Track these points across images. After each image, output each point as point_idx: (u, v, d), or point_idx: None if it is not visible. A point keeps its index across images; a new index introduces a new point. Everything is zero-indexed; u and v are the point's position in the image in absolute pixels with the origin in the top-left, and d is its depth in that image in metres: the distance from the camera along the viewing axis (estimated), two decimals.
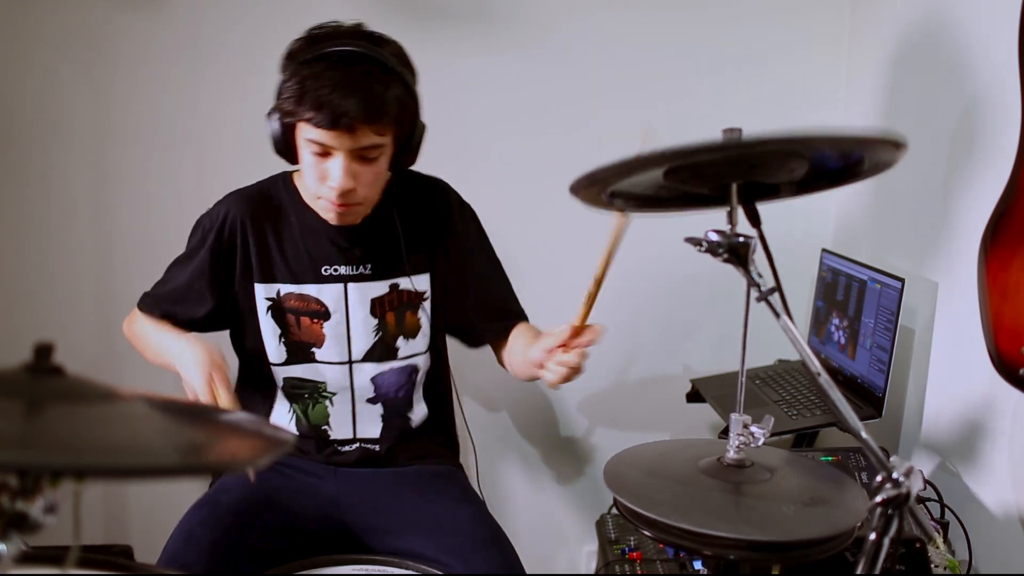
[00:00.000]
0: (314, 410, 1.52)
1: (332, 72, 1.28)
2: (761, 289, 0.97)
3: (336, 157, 1.33)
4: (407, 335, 1.53)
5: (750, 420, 1.08)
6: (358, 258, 1.48)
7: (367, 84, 1.29)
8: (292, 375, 1.51)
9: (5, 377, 0.66)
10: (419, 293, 1.53)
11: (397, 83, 1.33)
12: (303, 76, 1.29)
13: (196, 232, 1.51)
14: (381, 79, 1.30)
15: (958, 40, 1.67)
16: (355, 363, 1.51)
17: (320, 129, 1.29)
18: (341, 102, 1.26)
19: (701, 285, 2.13)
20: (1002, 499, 1.48)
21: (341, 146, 1.31)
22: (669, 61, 2.10)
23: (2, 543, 0.61)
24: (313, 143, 1.32)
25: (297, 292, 1.48)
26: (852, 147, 1.04)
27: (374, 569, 1.39)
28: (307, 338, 1.49)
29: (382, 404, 1.53)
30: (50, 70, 1.95)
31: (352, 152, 1.32)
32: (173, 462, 0.64)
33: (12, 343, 1.88)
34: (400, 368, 1.53)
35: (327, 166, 1.34)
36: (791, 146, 0.98)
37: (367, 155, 1.34)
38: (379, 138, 1.33)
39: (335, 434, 1.53)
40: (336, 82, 1.27)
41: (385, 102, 1.30)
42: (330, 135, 1.30)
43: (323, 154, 1.33)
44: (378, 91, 1.29)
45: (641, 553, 1.57)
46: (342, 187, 1.34)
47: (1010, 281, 1.27)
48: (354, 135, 1.30)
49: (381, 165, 1.38)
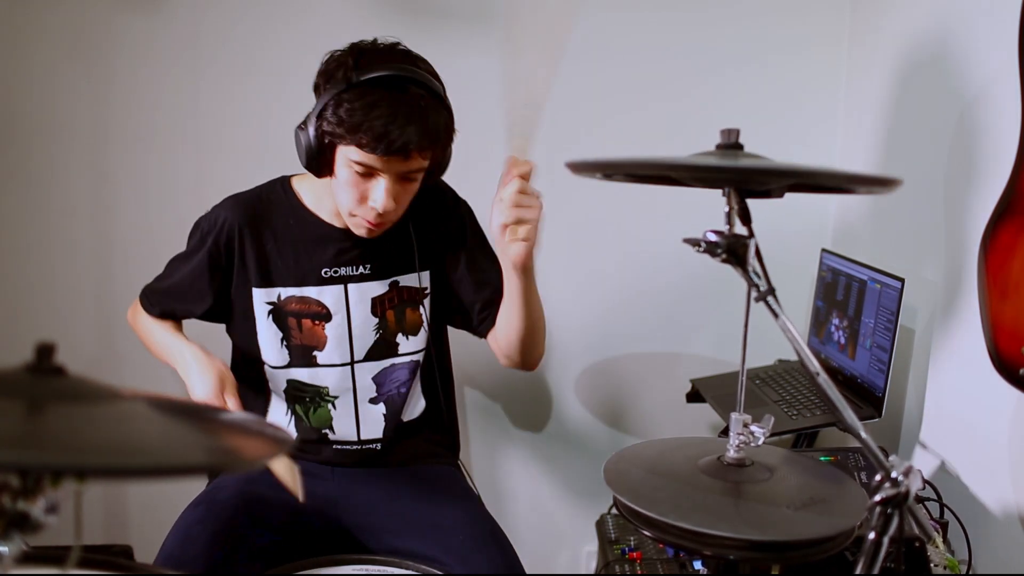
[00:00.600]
0: (316, 413, 1.53)
1: (389, 101, 1.28)
2: (760, 289, 0.97)
3: (380, 179, 1.33)
4: (408, 332, 1.53)
5: (750, 419, 1.08)
6: (357, 258, 1.48)
7: (424, 112, 1.29)
8: (294, 378, 1.51)
9: (6, 377, 0.66)
10: (420, 289, 1.53)
11: (444, 107, 1.35)
12: (355, 102, 1.28)
13: (195, 234, 1.51)
14: (433, 105, 1.32)
15: (958, 40, 1.67)
16: (357, 363, 1.51)
17: (373, 155, 1.29)
18: (400, 131, 1.27)
19: (701, 285, 2.14)
20: (1002, 499, 1.48)
21: (390, 170, 1.32)
22: (669, 61, 2.10)
23: (3, 543, 0.62)
24: (358, 164, 1.32)
25: (298, 295, 1.48)
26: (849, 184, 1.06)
27: (374, 569, 1.39)
28: (309, 341, 1.49)
29: (384, 403, 1.54)
30: (50, 70, 1.95)
31: (398, 175, 1.34)
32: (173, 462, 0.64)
33: (13, 343, 1.89)
34: (402, 365, 1.54)
35: (369, 187, 1.34)
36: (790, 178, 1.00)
37: (411, 176, 1.36)
38: (426, 162, 1.35)
39: (336, 436, 1.53)
40: (395, 111, 1.27)
41: (438, 129, 1.32)
42: (382, 161, 1.30)
43: (366, 175, 1.34)
44: (433, 119, 1.31)
45: (641, 553, 1.57)
46: (385, 208, 1.35)
47: (1010, 281, 1.27)
48: (407, 162, 1.31)
49: (418, 184, 1.39)
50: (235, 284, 1.50)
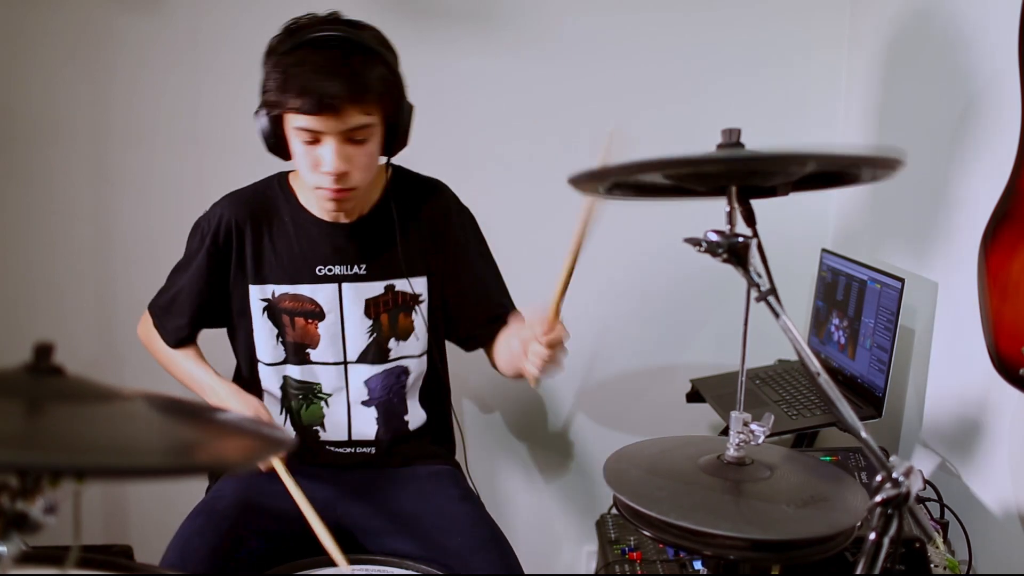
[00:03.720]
0: (308, 410, 1.52)
1: (313, 57, 1.29)
2: (760, 289, 0.97)
3: (326, 142, 1.33)
4: (399, 337, 1.52)
5: (750, 418, 1.08)
6: (353, 258, 1.48)
7: (348, 64, 1.29)
8: (289, 375, 1.51)
9: (5, 377, 0.66)
10: (415, 295, 1.52)
11: (378, 63, 1.33)
12: (285, 65, 1.30)
13: (195, 235, 1.51)
14: (360, 59, 1.31)
15: (957, 41, 1.67)
16: (350, 364, 1.51)
17: (308, 116, 1.30)
18: (325, 84, 1.27)
19: (701, 285, 2.13)
20: (1002, 499, 1.48)
21: (330, 129, 1.31)
22: (670, 63, 2.10)
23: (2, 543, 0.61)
24: (302, 131, 1.32)
25: (291, 292, 1.47)
26: (851, 165, 1.05)
27: (373, 569, 1.39)
28: (302, 339, 1.49)
29: (376, 407, 1.53)
30: (51, 70, 1.95)
31: (342, 135, 1.32)
32: (172, 462, 0.64)
33: (12, 343, 1.89)
34: (389, 370, 1.53)
35: (319, 152, 1.34)
36: (791, 162, 0.99)
37: (356, 136, 1.34)
38: (367, 118, 1.33)
39: (328, 435, 1.53)
40: (318, 66, 1.28)
41: (368, 80, 1.31)
42: (318, 120, 1.30)
43: (313, 141, 1.33)
44: (360, 70, 1.30)
45: (641, 553, 1.57)
46: (336, 169, 1.34)
47: (1010, 281, 1.27)
48: (341, 116, 1.30)
49: (372, 147, 1.37)
50: (232, 281, 1.49)
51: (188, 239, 1.52)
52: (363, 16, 1.38)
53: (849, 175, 1.09)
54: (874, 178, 1.08)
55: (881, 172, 1.05)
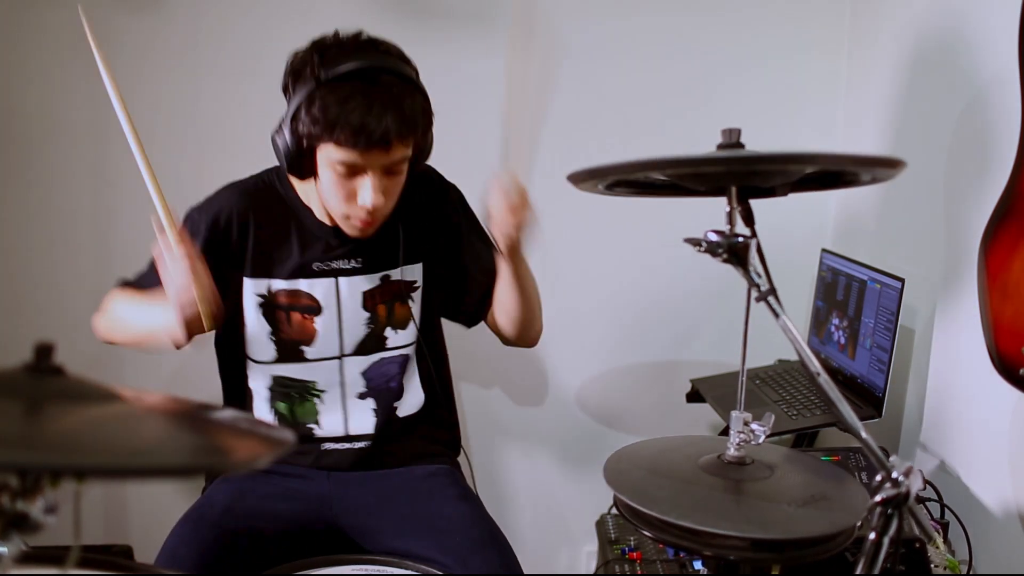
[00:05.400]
0: (302, 407, 1.51)
1: (362, 93, 1.26)
2: (760, 289, 0.97)
3: (366, 176, 1.32)
4: (396, 326, 1.52)
5: (750, 417, 1.08)
6: (349, 252, 1.47)
7: (398, 100, 1.27)
8: (281, 374, 1.50)
9: (5, 377, 0.66)
10: (409, 283, 1.52)
11: (417, 92, 1.32)
12: (326, 99, 1.26)
13: (186, 224, 1.47)
14: (408, 92, 1.30)
15: (957, 42, 1.67)
16: (346, 357, 1.50)
17: (354, 150, 1.27)
18: (378, 123, 1.25)
19: (701, 285, 2.13)
20: (1002, 499, 1.48)
21: (373, 165, 1.30)
22: (670, 63, 2.10)
23: (3, 543, 0.61)
24: (341, 164, 1.30)
25: (288, 288, 1.47)
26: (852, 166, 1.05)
27: (373, 569, 1.38)
28: (297, 335, 1.48)
29: (374, 398, 1.52)
30: (50, 70, 1.95)
31: (382, 169, 1.32)
32: (173, 463, 0.64)
33: (12, 343, 1.89)
34: (390, 359, 1.52)
35: (355, 185, 1.33)
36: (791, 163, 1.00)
37: (394, 169, 1.34)
38: (407, 151, 1.33)
39: (322, 431, 1.51)
40: (369, 103, 1.25)
41: (415, 116, 1.30)
42: (364, 156, 1.28)
43: (350, 174, 1.32)
44: (409, 105, 1.28)
45: (641, 553, 1.57)
46: (375, 204, 1.33)
47: (1010, 281, 1.27)
48: (389, 153, 1.29)
49: (404, 174, 1.38)
50: (225, 274, 1.45)
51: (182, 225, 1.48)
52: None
53: (848, 176, 1.09)
54: (873, 180, 1.08)
55: (881, 173, 1.06)
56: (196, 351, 1.58)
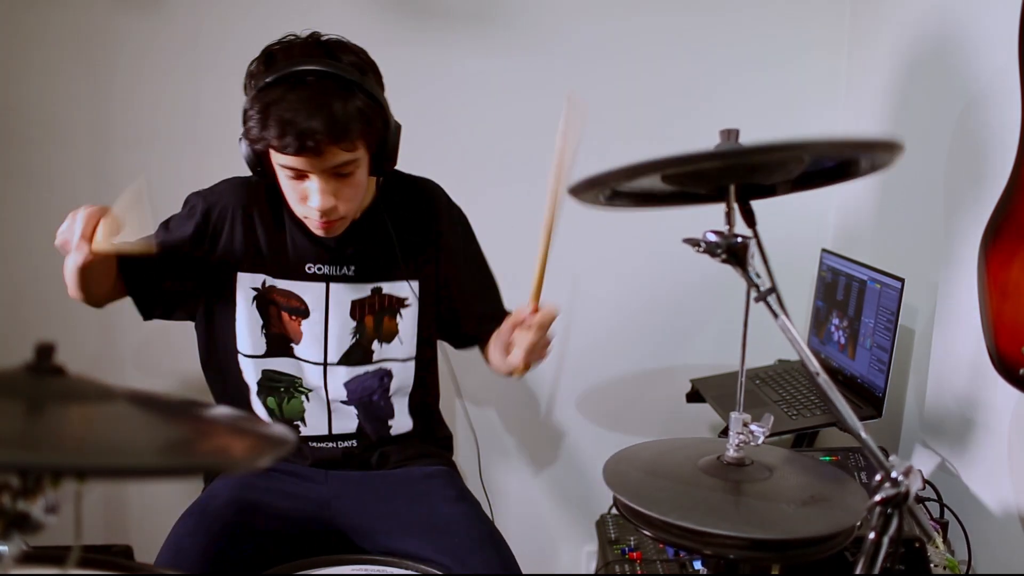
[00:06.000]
0: (289, 404, 1.51)
1: (291, 95, 1.25)
2: (760, 289, 0.97)
3: (312, 179, 1.31)
4: (383, 339, 1.52)
5: (750, 418, 1.08)
6: (343, 259, 1.47)
7: (326, 103, 1.25)
8: (270, 368, 1.50)
9: (6, 377, 0.66)
10: (400, 299, 1.52)
11: (357, 95, 1.29)
12: (263, 101, 1.26)
13: (185, 206, 1.50)
14: (340, 94, 1.27)
15: (957, 42, 1.67)
16: (330, 366, 1.50)
17: (288, 155, 1.27)
18: (304, 124, 1.23)
19: (701, 285, 2.13)
20: (1002, 499, 1.48)
21: (313, 168, 1.30)
22: (669, 65, 2.10)
23: (3, 543, 0.61)
24: (286, 168, 1.31)
25: (280, 286, 1.47)
26: (849, 151, 1.05)
27: (372, 569, 1.38)
28: (285, 332, 1.49)
29: (355, 407, 1.52)
30: (50, 70, 1.95)
31: (326, 172, 1.31)
32: (172, 462, 0.64)
33: (13, 343, 1.89)
34: (373, 372, 1.52)
35: (305, 187, 1.33)
36: (788, 153, 0.99)
37: (342, 171, 1.32)
38: (349, 154, 1.30)
39: (308, 430, 1.51)
40: (295, 105, 1.24)
41: (348, 118, 1.27)
42: (300, 160, 1.28)
43: (298, 177, 1.32)
44: (338, 108, 1.26)
45: (641, 553, 1.57)
46: (323, 207, 1.33)
47: (1010, 281, 1.27)
48: (323, 156, 1.28)
49: (359, 177, 1.36)
50: (217, 265, 1.46)
51: (182, 207, 1.50)
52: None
53: (848, 166, 1.08)
54: (873, 167, 1.06)
55: (880, 159, 1.04)
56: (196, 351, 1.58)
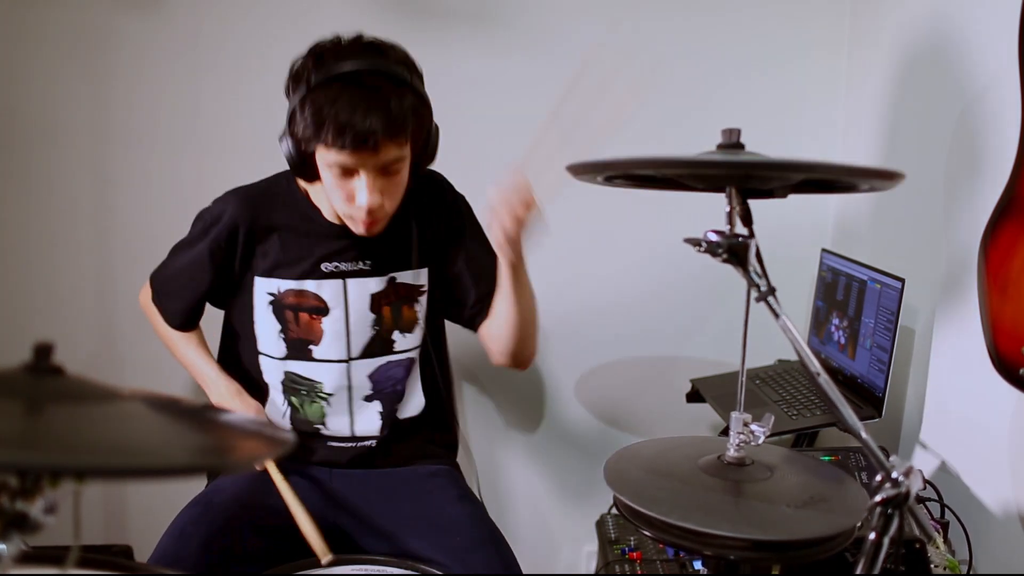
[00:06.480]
0: (310, 408, 1.53)
1: (348, 94, 1.27)
2: (760, 289, 0.97)
3: (361, 176, 1.33)
4: (403, 329, 1.53)
5: (750, 418, 1.08)
6: (357, 254, 1.49)
7: (384, 100, 1.28)
8: (291, 370, 1.52)
9: (5, 377, 0.66)
10: (417, 287, 1.53)
11: (410, 93, 1.32)
12: (318, 101, 1.28)
13: (197, 224, 1.53)
14: (396, 92, 1.30)
15: (957, 43, 1.67)
16: (353, 360, 1.51)
17: (344, 152, 1.29)
18: (363, 123, 1.26)
19: (701, 285, 2.13)
20: (1002, 499, 1.48)
21: (365, 165, 1.32)
22: (671, 63, 2.09)
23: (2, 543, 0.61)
24: (335, 166, 1.32)
25: (296, 288, 1.48)
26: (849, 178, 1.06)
27: (373, 569, 1.38)
28: (305, 335, 1.49)
29: (379, 401, 1.53)
30: (50, 70, 1.95)
31: (376, 169, 1.33)
32: (173, 462, 0.64)
33: (12, 343, 1.88)
34: (397, 362, 1.54)
35: (353, 185, 1.34)
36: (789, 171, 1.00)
37: (391, 169, 1.35)
38: (401, 151, 1.33)
39: (330, 432, 1.53)
40: (354, 103, 1.26)
41: (404, 115, 1.30)
42: (354, 156, 1.30)
43: (347, 175, 1.34)
44: (396, 105, 1.29)
45: (641, 553, 1.57)
46: (371, 204, 1.34)
47: (1010, 281, 1.27)
48: (378, 153, 1.30)
49: (404, 175, 1.38)
50: (237, 273, 1.50)
51: (191, 227, 1.54)
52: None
53: (846, 184, 1.09)
54: (872, 189, 1.08)
55: (879, 184, 1.06)
56: None
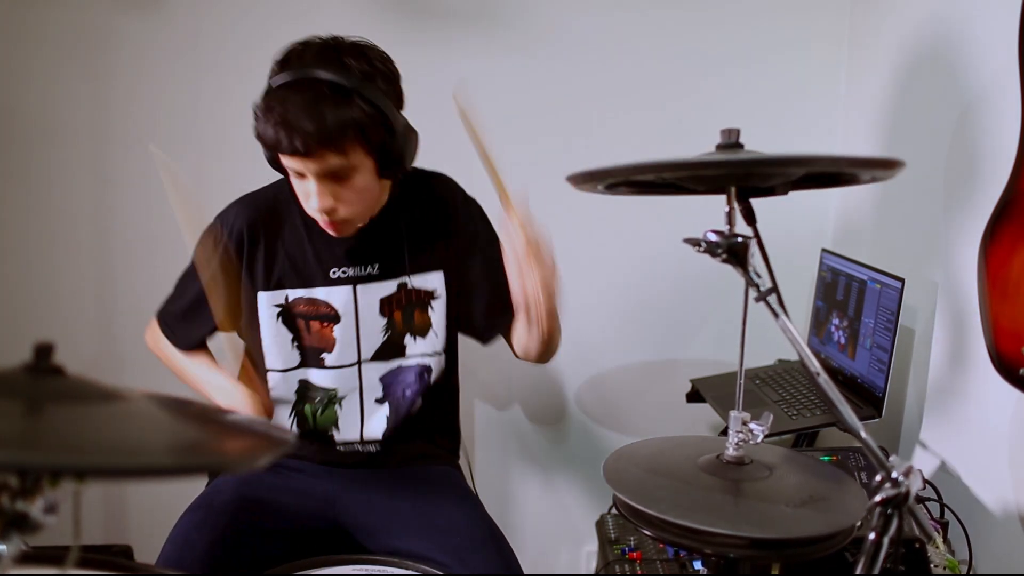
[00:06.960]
0: (323, 414, 1.52)
1: (293, 97, 1.27)
2: (760, 289, 0.97)
3: (310, 180, 1.33)
4: (416, 333, 1.52)
5: (749, 417, 1.08)
6: (366, 258, 1.48)
7: (318, 109, 1.26)
8: (306, 379, 1.51)
9: (5, 377, 0.66)
10: (428, 291, 1.52)
11: (354, 103, 1.28)
12: (268, 104, 1.29)
13: (200, 242, 1.48)
14: (334, 100, 1.27)
15: (958, 41, 1.67)
16: (364, 362, 1.51)
17: (285, 156, 1.30)
18: (294, 128, 1.26)
19: (701, 285, 2.14)
20: (1002, 499, 1.48)
21: (308, 170, 1.31)
22: (670, 61, 2.10)
23: (2, 543, 0.61)
24: (290, 168, 1.33)
25: (306, 296, 1.48)
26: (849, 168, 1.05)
27: (373, 569, 1.39)
28: (317, 343, 1.49)
29: (388, 404, 1.53)
30: (50, 70, 1.95)
31: (322, 174, 1.31)
32: (173, 462, 0.64)
33: (12, 343, 1.88)
34: (409, 367, 1.53)
35: (307, 188, 1.34)
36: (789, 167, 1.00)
37: (339, 174, 1.32)
38: (342, 159, 1.30)
39: (340, 436, 1.53)
40: (294, 109, 1.26)
41: (340, 125, 1.27)
42: (295, 161, 1.30)
43: (300, 176, 1.34)
44: (328, 115, 1.26)
45: (641, 553, 1.57)
46: (321, 207, 1.34)
47: (1010, 281, 1.27)
48: (315, 159, 1.29)
49: (359, 182, 1.35)
50: (243, 289, 1.49)
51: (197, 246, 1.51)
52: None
53: (847, 176, 1.09)
54: (873, 179, 1.08)
55: (880, 173, 1.06)
56: None
